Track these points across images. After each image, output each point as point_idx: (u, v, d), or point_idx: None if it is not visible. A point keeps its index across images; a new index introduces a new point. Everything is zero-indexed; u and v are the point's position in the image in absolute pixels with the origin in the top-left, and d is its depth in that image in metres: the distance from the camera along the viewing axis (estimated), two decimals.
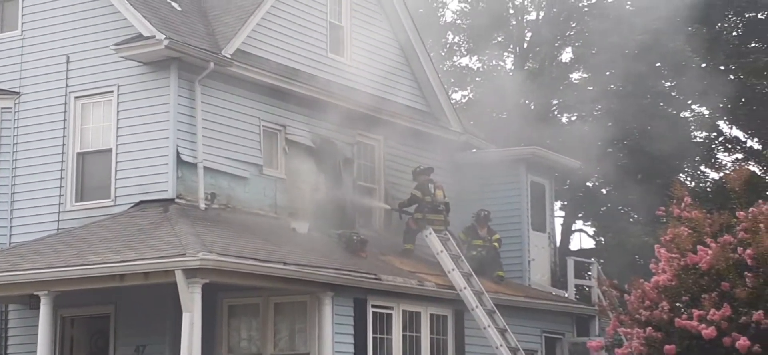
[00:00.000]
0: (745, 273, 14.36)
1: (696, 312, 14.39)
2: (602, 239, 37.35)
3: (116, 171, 19.06)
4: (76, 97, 19.61)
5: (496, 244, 22.43)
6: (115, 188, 19.03)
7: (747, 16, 34.88)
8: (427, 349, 19.54)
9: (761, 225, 14.49)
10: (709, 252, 14.67)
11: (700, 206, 16.17)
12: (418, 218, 21.17)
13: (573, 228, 37.38)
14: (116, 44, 18.91)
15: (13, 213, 19.78)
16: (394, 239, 22.03)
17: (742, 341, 13.89)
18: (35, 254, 17.68)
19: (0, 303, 19.47)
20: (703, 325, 14.18)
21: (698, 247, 14.87)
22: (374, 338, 18.64)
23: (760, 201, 15.17)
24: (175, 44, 18.44)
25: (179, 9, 20.13)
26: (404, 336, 19.17)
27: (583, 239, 38.84)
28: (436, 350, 19.77)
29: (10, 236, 19.69)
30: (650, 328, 14.86)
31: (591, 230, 38.42)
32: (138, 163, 18.86)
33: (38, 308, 17.21)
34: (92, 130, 19.55)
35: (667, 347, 14.54)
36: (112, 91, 19.27)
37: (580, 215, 37.20)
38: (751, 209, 14.90)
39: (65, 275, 16.69)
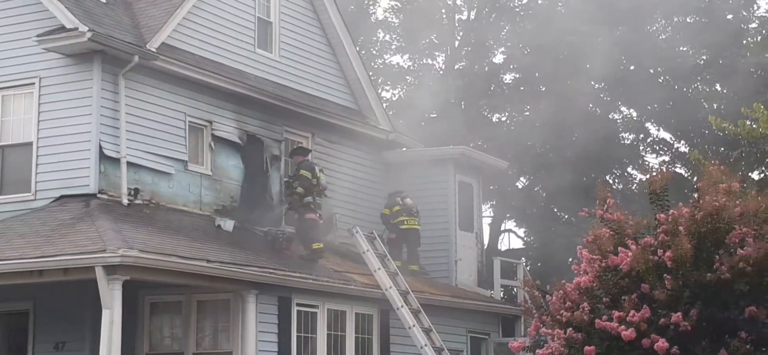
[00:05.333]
0: (665, 275, 14.45)
1: (616, 314, 14.42)
2: (532, 239, 37.57)
3: (37, 165, 18.70)
4: None
5: (415, 223, 22.44)
6: (36, 183, 18.67)
7: (675, 19, 35.35)
8: (352, 348, 19.48)
9: (681, 228, 14.57)
10: (630, 254, 14.73)
11: (623, 207, 16.24)
12: (307, 203, 19.94)
13: (502, 228, 37.60)
14: (38, 36, 18.56)
15: None
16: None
17: (661, 343, 13.93)
18: None
19: None
20: (623, 327, 14.22)
21: (619, 249, 14.93)
22: (299, 337, 18.54)
23: (680, 203, 15.26)
24: (98, 37, 18.14)
25: (104, 1, 19.82)
26: (329, 335, 19.09)
27: (511, 240, 39.06)
28: (361, 349, 19.71)
29: None
30: (571, 329, 14.87)
31: (520, 231, 38.65)
32: (59, 157, 18.51)
33: None
34: (13, 123, 19.15)
35: (587, 348, 14.55)
36: (33, 84, 18.91)
37: (508, 216, 37.41)
38: (671, 211, 15.00)
39: None
